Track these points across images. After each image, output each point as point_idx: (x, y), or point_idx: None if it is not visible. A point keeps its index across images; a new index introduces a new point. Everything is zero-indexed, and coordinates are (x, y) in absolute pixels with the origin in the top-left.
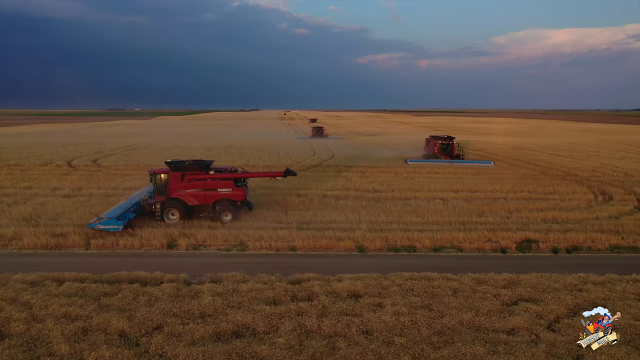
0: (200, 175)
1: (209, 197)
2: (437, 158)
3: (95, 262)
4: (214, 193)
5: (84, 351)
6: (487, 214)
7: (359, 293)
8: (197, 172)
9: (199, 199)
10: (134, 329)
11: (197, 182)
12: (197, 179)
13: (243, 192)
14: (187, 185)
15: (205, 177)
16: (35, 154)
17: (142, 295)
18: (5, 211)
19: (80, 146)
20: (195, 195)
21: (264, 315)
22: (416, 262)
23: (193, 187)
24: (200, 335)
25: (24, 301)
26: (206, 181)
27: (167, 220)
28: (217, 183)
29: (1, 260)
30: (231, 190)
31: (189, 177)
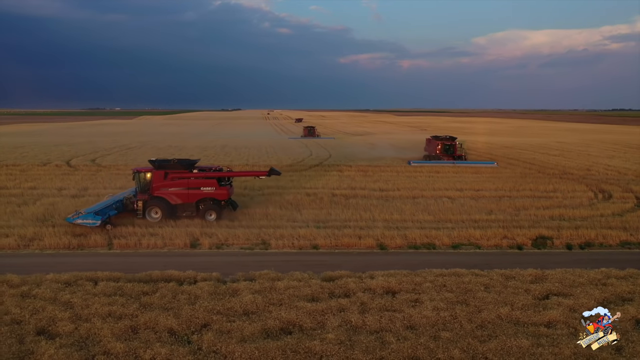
0: (183, 173)
1: (192, 195)
2: (439, 159)
3: (123, 261)
4: (196, 192)
5: (138, 349)
6: (496, 211)
7: (393, 289)
8: (180, 170)
9: (182, 197)
10: (182, 326)
11: (180, 181)
12: (180, 178)
13: (226, 191)
14: (170, 183)
15: (188, 176)
16: (30, 153)
17: (181, 293)
18: (16, 212)
19: (72, 146)
20: (178, 193)
21: (307, 312)
22: (438, 259)
23: (176, 185)
24: (249, 333)
25: (64, 301)
26: (189, 180)
27: (149, 219)
28: (200, 182)
29: (26, 261)
30: (214, 190)
31: (172, 175)
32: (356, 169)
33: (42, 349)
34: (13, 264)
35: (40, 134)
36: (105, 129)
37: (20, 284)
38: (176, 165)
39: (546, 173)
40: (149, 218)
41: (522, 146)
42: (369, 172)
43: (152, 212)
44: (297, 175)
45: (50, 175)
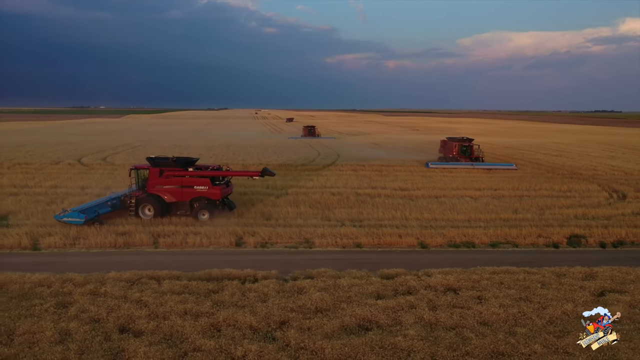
0: (177, 171)
1: (186, 194)
2: (456, 160)
3: (173, 260)
4: (190, 190)
5: (228, 346)
6: (521, 210)
7: (454, 287)
8: (174, 168)
9: (176, 195)
10: (261, 324)
11: (174, 179)
12: (174, 176)
13: (219, 191)
14: (165, 181)
15: (182, 174)
16: (36, 152)
17: (249, 291)
18: (47, 211)
19: (74, 144)
20: (172, 191)
21: (379, 309)
22: (482, 257)
23: (170, 183)
24: (330, 329)
25: (135, 299)
26: (183, 178)
27: (142, 217)
28: (194, 180)
29: (76, 259)
30: (207, 189)
31: (167, 173)
32: (370, 169)
33: (132, 346)
34: (66, 263)
35: (34, 132)
36: (97, 128)
37: (84, 282)
38: (171, 163)
39: (556, 173)
40: (142, 215)
41: (522, 147)
42: (384, 172)
43: (146, 209)
44: (314, 174)
45: (68, 173)
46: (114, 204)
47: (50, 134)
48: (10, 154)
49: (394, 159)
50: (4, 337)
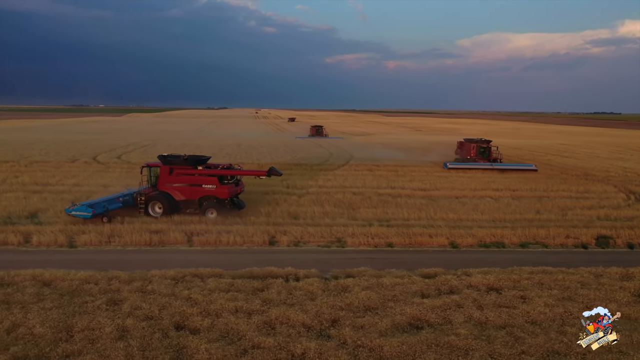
0: (186, 170)
1: (195, 192)
2: (473, 161)
3: (210, 258)
4: (198, 189)
5: (287, 343)
6: (543, 211)
7: (496, 286)
8: (184, 166)
9: (185, 194)
10: (314, 322)
11: (184, 177)
12: (184, 174)
13: (227, 190)
14: (175, 179)
15: (191, 172)
16: (50, 150)
17: (295, 290)
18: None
19: (84, 143)
20: (182, 189)
21: (427, 308)
22: (515, 257)
23: (180, 181)
24: (383, 328)
25: (184, 296)
26: (192, 176)
27: (152, 214)
28: (202, 179)
29: (114, 257)
30: (215, 187)
31: (177, 171)
32: (385, 169)
33: (192, 343)
34: (105, 260)
35: (37, 131)
36: (100, 126)
37: (130, 280)
38: (181, 161)
39: (569, 174)
40: (152, 213)
41: (530, 148)
42: (400, 172)
43: (155, 207)
44: (331, 174)
45: (87, 171)
46: (126, 200)
47: (55, 132)
48: (25, 151)
49: (407, 159)
50: (63, 333)
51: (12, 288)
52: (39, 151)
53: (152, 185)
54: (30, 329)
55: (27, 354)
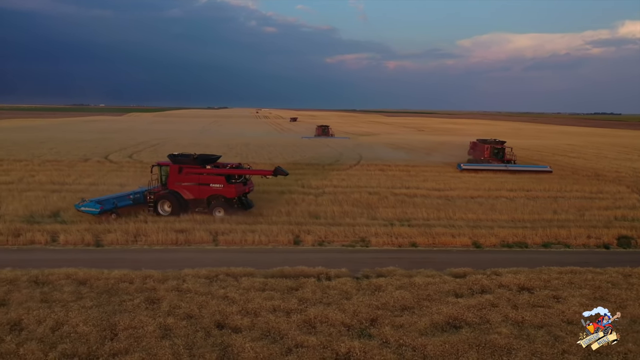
0: (195, 169)
1: (203, 191)
2: (487, 162)
3: (237, 257)
4: (207, 188)
5: (330, 342)
6: (560, 212)
7: (527, 286)
8: (193, 165)
9: (194, 192)
10: (353, 321)
11: (192, 176)
12: (192, 173)
13: (234, 189)
14: (184, 178)
15: (199, 171)
16: (60, 149)
17: (329, 289)
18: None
19: (92, 142)
20: (190, 188)
21: (463, 307)
22: (539, 257)
23: (189, 180)
24: (422, 327)
25: (220, 295)
26: (200, 175)
27: (161, 213)
28: (210, 178)
29: (143, 256)
30: (222, 187)
31: (186, 170)
32: (397, 169)
33: (236, 341)
34: (135, 259)
35: (42, 130)
36: (104, 126)
37: (163, 278)
38: (189, 160)
39: (580, 175)
40: (161, 211)
41: (537, 148)
42: (412, 173)
43: (165, 205)
44: (344, 174)
45: (101, 171)
46: (137, 198)
47: (60, 131)
48: (36, 150)
49: (418, 159)
50: (107, 332)
51: (49, 287)
52: (50, 150)
53: (163, 184)
54: (74, 327)
55: (76, 352)
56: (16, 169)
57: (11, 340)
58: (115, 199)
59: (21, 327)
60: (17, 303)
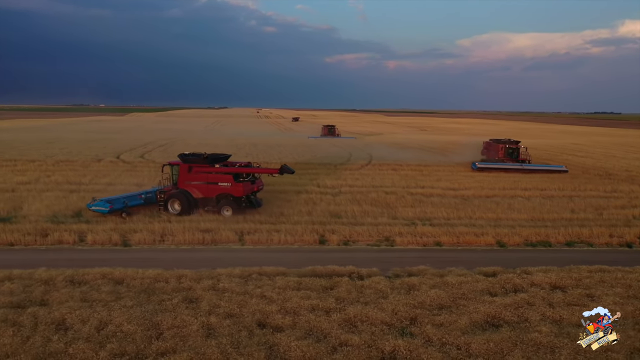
0: (204, 167)
1: (212, 190)
2: (502, 162)
3: (266, 257)
4: (215, 187)
5: (375, 341)
6: (578, 211)
7: (559, 285)
8: (202, 165)
9: (203, 191)
10: (393, 320)
11: (202, 175)
12: (202, 172)
13: (242, 188)
14: (193, 177)
15: (208, 170)
16: (72, 149)
17: (364, 288)
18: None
19: (100, 142)
20: (200, 187)
21: (500, 306)
22: (565, 256)
23: (198, 179)
24: (463, 325)
25: (257, 294)
26: (209, 174)
27: (171, 211)
28: (218, 177)
29: (172, 255)
30: (230, 185)
31: (195, 169)
32: (409, 169)
33: (282, 341)
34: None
35: (47, 130)
36: (107, 126)
37: (198, 278)
38: (198, 159)
39: (591, 174)
40: (171, 210)
41: (544, 147)
42: (425, 172)
43: (175, 204)
44: (357, 173)
45: (116, 171)
46: (149, 197)
47: (65, 131)
48: (47, 150)
49: (426, 159)
50: (152, 331)
51: (87, 286)
52: (61, 150)
53: (174, 183)
54: (118, 326)
55: (125, 351)
56: (31, 169)
57: (59, 339)
58: (126, 199)
59: (66, 326)
60: (58, 303)
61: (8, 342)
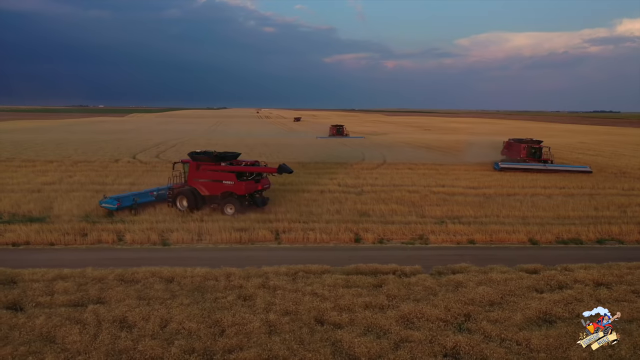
0: (210, 165)
1: (217, 188)
2: (524, 162)
3: (304, 255)
4: (220, 184)
5: (435, 337)
6: (601, 208)
7: (602, 281)
8: (209, 162)
9: (209, 189)
10: (447, 316)
11: (208, 173)
12: (208, 170)
13: (243, 187)
14: (201, 175)
15: (214, 168)
16: (87, 150)
17: (411, 285)
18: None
19: (110, 143)
20: (206, 185)
21: (550, 302)
22: (599, 254)
23: (205, 177)
24: (518, 321)
25: (309, 292)
26: (215, 172)
27: (179, 208)
28: (223, 175)
29: (213, 254)
30: (233, 184)
31: (203, 167)
32: (424, 168)
33: (344, 337)
34: (207, 257)
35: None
36: (112, 127)
37: (246, 276)
38: (205, 157)
39: (606, 172)
40: (179, 206)
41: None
42: (441, 171)
43: (183, 200)
44: (376, 173)
45: (136, 171)
46: (161, 194)
47: (70, 132)
48: (61, 152)
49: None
50: (215, 328)
51: (140, 285)
52: (75, 151)
53: (185, 181)
54: (180, 324)
55: (193, 348)
56: (51, 170)
57: (126, 337)
58: (136, 196)
59: (129, 324)
60: (116, 301)
61: (77, 339)
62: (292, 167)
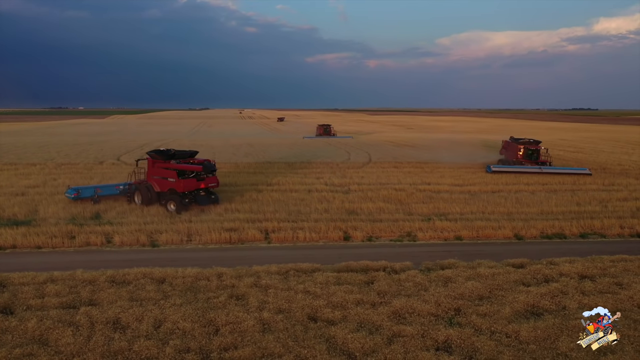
0: (160, 163)
1: (165, 185)
2: (520, 164)
3: (294, 254)
4: (166, 182)
5: (428, 331)
6: (583, 204)
7: (586, 274)
8: (161, 160)
9: (160, 186)
10: (438, 311)
11: (160, 170)
12: (160, 167)
13: (182, 185)
14: (155, 172)
15: (163, 166)
16: (69, 152)
17: (402, 281)
18: (134, 209)
19: (94, 145)
20: (158, 182)
21: (537, 295)
22: (582, 248)
23: (158, 174)
24: (507, 314)
25: (301, 290)
26: (163, 170)
27: (136, 202)
28: (168, 172)
29: (204, 255)
30: (174, 181)
31: (157, 164)
32: (409, 166)
33: (337, 333)
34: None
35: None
36: (93, 129)
37: (237, 275)
38: (158, 155)
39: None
40: (136, 200)
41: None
42: (426, 169)
43: (137, 196)
44: (362, 172)
45: (121, 173)
46: (125, 189)
47: (51, 134)
48: (44, 154)
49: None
50: (209, 327)
51: (132, 286)
52: (58, 153)
53: (145, 178)
54: (174, 324)
55: (188, 347)
56: (34, 173)
57: (120, 338)
58: (100, 188)
59: (122, 325)
60: (108, 302)
61: (71, 341)
62: (279, 167)
